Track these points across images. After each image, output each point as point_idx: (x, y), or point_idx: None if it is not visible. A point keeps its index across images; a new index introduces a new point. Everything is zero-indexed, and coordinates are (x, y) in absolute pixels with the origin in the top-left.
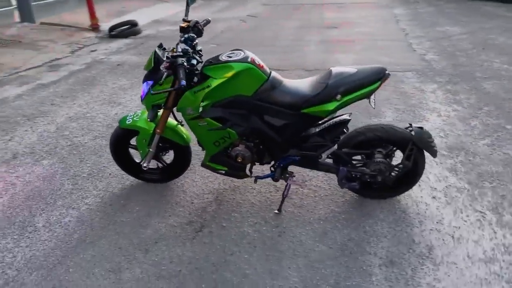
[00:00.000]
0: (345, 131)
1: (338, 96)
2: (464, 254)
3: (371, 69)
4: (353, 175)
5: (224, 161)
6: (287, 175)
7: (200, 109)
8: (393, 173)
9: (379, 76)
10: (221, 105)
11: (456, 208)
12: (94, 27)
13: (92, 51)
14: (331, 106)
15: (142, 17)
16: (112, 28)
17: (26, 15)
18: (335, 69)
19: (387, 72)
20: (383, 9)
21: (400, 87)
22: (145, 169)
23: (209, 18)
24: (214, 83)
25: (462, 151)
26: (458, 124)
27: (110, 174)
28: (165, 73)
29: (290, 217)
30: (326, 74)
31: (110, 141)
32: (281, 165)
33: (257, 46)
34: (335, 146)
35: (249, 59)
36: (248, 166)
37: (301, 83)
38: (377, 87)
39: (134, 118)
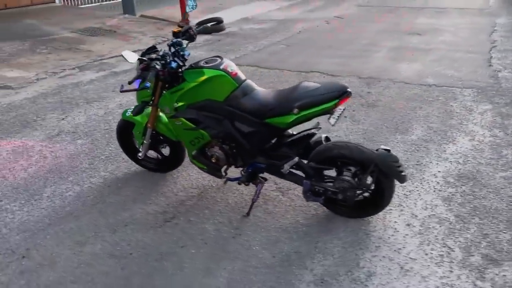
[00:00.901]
0: (323, 143)
1: (295, 110)
2: (403, 287)
3: (330, 86)
4: (316, 190)
5: (203, 160)
6: (258, 180)
7: (176, 109)
8: (356, 194)
9: (336, 95)
10: (195, 107)
11: (425, 240)
12: (185, 22)
13: None
14: (289, 119)
15: (233, 14)
16: (199, 24)
17: (129, 7)
18: (304, 83)
19: (348, 90)
20: (485, 17)
21: (449, 104)
22: (140, 158)
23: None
24: (187, 86)
25: (472, 181)
26: (487, 151)
27: (123, 159)
28: (138, 73)
29: (253, 222)
30: (295, 87)
31: (116, 130)
32: (249, 170)
33: (324, 49)
34: (296, 158)
35: (221, 66)
36: (225, 167)
37: (271, 93)
38: (333, 106)
39: (129, 112)
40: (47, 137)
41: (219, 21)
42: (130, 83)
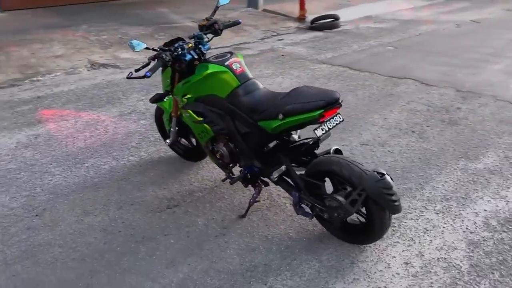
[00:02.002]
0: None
1: (280, 116)
2: None
3: (320, 94)
4: (306, 203)
5: (210, 154)
6: (257, 184)
7: (185, 100)
8: (342, 216)
9: (323, 104)
10: (201, 101)
11: (415, 285)
12: (301, 18)
13: (279, 40)
14: (274, 123)
15: (357, 12)
16: (313, 20)
17: (253, 1)
18: (300, 88)
19: (337, 101)
20: None
21: None
22: (166, 144)
23: (240, 20)
24: (194, 79)
25: None
26: None
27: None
28: (147, 62)
29: (244, 225)
30: (291, 91)
31: (154, 114)
32: (245, 172)
33: (434, 55)
34: (283, 167)
35: (226, 63)
36: (231, 164)
37: (270, 95)
38: (318, 116)
39: (164, 99)
40: (119, 114)
41: (335, 18)
42: (136, 71)
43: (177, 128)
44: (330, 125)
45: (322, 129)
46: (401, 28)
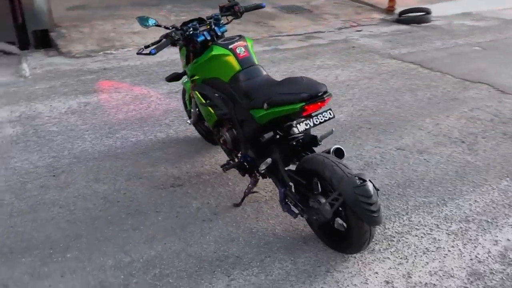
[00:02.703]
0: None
1: (265, 105)
2: None
3: (306, 86)
4: (290, 201)
5: (217, 139)
6: (253, 174)
7: (193, 82)
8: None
9: (305, 97)
10: (207, 83)
11: None
12: (389, 10)
13: (358, 31)
14: (260, 112)
15: (456, 6)
16: (401, 13)
17: None
18: (294, 77)
19: (321, 95)
20: None
21: None
22: (188, 124)
23: (263, 4)
24: (200, 60)
25: None
26: None
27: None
28: (157, 39)
29: (234, 214)
30: (283, 79)
31: (181, 94)
32: (241, 160)
33: None
34: (269, 160)
35: (230, 46)
36: (235, 151)
37: (267, 83)
38: (299, 109)
39: (182, 78)
40: (168, 92)
41: (426, 12)
42: (146, 47)
43: (197, 109)
44: (316, 121)
45: (306, 124)
46: (499, 28)
